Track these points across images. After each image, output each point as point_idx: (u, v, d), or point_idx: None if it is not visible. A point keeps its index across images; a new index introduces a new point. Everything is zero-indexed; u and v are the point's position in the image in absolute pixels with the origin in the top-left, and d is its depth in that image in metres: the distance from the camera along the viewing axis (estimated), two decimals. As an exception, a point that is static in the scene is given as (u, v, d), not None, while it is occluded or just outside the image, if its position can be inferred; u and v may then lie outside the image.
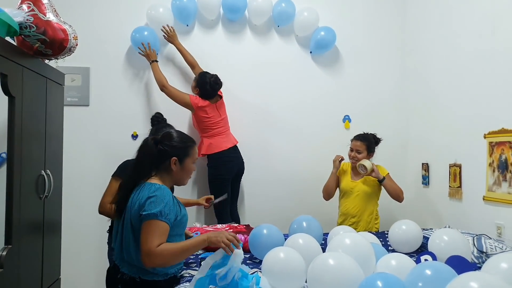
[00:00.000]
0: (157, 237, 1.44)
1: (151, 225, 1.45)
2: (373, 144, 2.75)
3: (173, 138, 1.62)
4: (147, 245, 1.42)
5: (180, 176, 1.63)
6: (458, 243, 1.89)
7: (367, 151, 2.71)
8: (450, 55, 2.73)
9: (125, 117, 3.02)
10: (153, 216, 1.45)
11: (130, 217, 1.53)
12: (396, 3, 3.37)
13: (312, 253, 1.72)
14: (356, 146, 2.71)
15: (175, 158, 1.59)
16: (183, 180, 1.66)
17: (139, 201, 1.51)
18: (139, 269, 1.53)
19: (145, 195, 1.50)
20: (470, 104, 2.50)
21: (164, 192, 1.53)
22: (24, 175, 1.77)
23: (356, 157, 2.70)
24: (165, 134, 1.64)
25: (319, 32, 3.16)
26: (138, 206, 1.50)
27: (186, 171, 1.64)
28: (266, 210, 3.10)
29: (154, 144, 1.59)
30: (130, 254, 1.53)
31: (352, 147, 2.74)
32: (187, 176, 1.66)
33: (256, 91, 3.18)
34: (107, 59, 3.04)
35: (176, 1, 3.01)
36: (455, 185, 2.62)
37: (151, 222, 1.45)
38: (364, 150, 2.71)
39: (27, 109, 1.79)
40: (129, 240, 1.53)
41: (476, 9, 2.45)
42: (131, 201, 1.55)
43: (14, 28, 1.72)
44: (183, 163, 1.61)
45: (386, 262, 1.62)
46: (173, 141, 1.61)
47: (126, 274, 1.54)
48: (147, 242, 1.43)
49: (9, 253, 1.62)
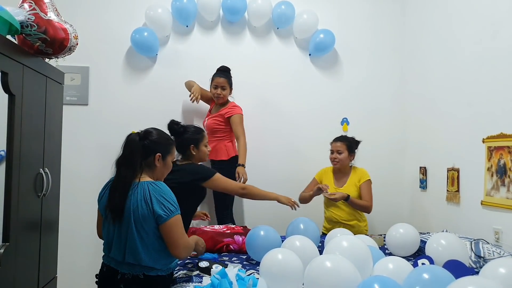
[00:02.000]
0: (183, 229, 1.57)
1: (177, 220, 1.54)
2: (353, 145, 2.74)
3: (156, 135, 1.67)
4: (184, 239, 1.57)
5: (162, 172, 1.69)
6: (456, 248, 1.89)
7: (348, 151, 2.70)
8: (449, 59, 2.74)
9: (123, 117, 3.02)
10: (176, 212, 1.54)
11: (134, 219, 1.51)
12: (395, 7, 3.38)
13: (309, 255, 1.71)
14: (337, 147, 2.70)
15: (159, 154, 1.64)
16: (163, 176, 1.71)
17: (145, 200, 1.50)
18: (143, 267, 1.53)
19: (152, 196, 1.51)
20: (468, 108, 2.51)
21: (166, 186, 1.60)
22: (23, 173, 1.77)
23: (338, 158, 2.68)
24: (148, 130, 1.68)
25: (318, 34, 3.18)
26: (146, 205, 1.50)
27: (167, 168, 1.70)
28: (263, 211, 3.10)
29: (139, 140, 1.62)
30: (136, 256, 1.51)
31: (333, 149, 2.73)
32: (167, 172, 1.73)
33: (254, 92, 3.19)
34: (107, 59, 3.05)
35: (176, 2, 3.02)
36: (453, 189, 2.63)
37: (176, 217, 1.54)
38: (345, 150, 2.69)
39: (26, 107, 1.79)
40: (134, 242, 1.51)
41: (476, 14, 2.46)
42: (130, 202, 1.52)
43: (15, 27, 1.72)
44: (165, 160, 1.67)
45: (383, 265, 1.62)
46: (157, 137, 1.66)
47: (127, 274, 1.53)
48: (183, 236, 1.57)
49: (7, 251, 1.62)
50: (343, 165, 2.73)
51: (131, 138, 1.63)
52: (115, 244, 1.56)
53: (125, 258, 1.53)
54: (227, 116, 2.82)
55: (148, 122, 2.87)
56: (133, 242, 1.51)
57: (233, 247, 2.26)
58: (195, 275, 1.77)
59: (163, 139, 1.69)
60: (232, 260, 2.07)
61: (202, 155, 2.30)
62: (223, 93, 2.84)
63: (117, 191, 1.54)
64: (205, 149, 2.31)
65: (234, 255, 2.21)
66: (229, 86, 2.87)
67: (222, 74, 2.86)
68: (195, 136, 2.27)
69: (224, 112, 2.84)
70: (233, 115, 2.82)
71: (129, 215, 1.51)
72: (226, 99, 2.90)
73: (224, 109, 2.87)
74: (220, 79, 2.84)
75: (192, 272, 1.81)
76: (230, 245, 2.26)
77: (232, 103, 2.91)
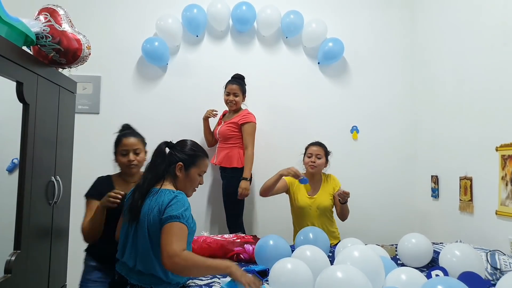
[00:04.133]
0: (180, 239, 1.43)
1: (174, 227, 1.44)
2: (328, 152, 2.67)
3: (184, 145, 1.66)
4: (172, 247, 1.39)
5: (184, 184, 1.62)
6: (471, 259, 1.84)
7: (325, 157, 2.63)
8: (460, 66, 2.71)
9: (134, 125, 3.03)
10: (175, 218, 1.45)
11: (147, 224, 1.50)
12: (404, 15, 3.38)
13: (319, 265, 1.69)
14: (316, 151, 2.59)
15: (181, 163, 1.61)
16: (186, 189, 1.63)
17: (158, 206, 1.49)
18: (152, 278, 1.51)
19: (166, 200, 1.50)
20: (481, 116, 2.48)
21: (184, 197, 1.55)
22: (35, 181, 1.79)
23: (316, 162, 2.57)
24: (180, 140, 1.70)
25: (327, 43, 3.18)
26: (158, 211, 1.49)
27: (190, 180, 1.63)
28: (273, 221, 3.08)
29: (165, 147, 1.66)
30: (147, 263, 1.50)
31: (311, 153, 2.61)
32: (190, 186, 1.65)
33: (264, 101, 3.20)
34: (118, 68, 3.10)
35: (186, 12, 3.06)
36: (466, 198, 2.58)
37: (174, 224, 1.44)
38: (323, 156, 2.61)
39: (40, 116, 1.82)
40: (147, 248, 1.50)
41: (487, 20, 2.45)
42: (147, 206, 1.52)
43: (31, 38, 1.77)
44: (188, 171, 1.62)
45: (396, 276, 1.59)
46: (184, 147, 1.66)
47: (135, 285, 1.51)
48: (172, 243, 1.40)
49: (18, 258, 1.63)
50: (318, 170, 2.62)
51: (158, 145, 1.67)
52: (128, 247, 1.55)
53: (136, 265, 1.52)
54: (241, 122, 2.84)
55: (158, 131, 2.92)
56: (145, 247, 1.50)
57: (243, 256, 2.24)
58: (204, 285, 1.75)
59: (189, 149, 1.64)
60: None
61: None
62: (236, 99, 2.86)
63: (136, 192, 1.59)
64: None
65: (244, 264, 2.19)
66: (241, 93, 2.88)
67: (235, 81, 2.89)
68: None
69: (238, 119, 2.85)
70: (246, 122, 2.83)
71: (144, 219, 1.52)
72: (239, 106, 2.91)
73: (238, 116, 2.88)
74: (232, 85, 2.86)
75: (201, 281, 1.80)
76: (240, 254, 2.24)
77: (246, 110, 2.92)
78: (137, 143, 1.91)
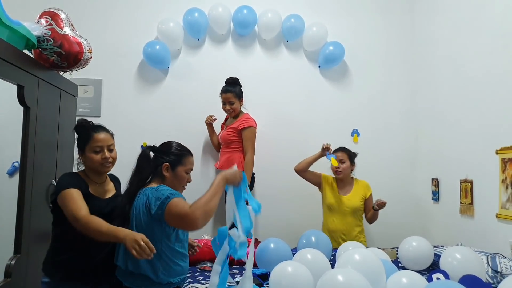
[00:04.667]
0: (184, 204, 1.46)
1: (173, 203, 1.46)
2: (352, 155, 2.75)
3: (169, 147, 1.70)
4: (184, 210, 1.42)
5: (173, 183, 1.65)
6: (472, 262, 1.84)
7: (350, 161, 2.70)
8: (460, 70, 2.72)
9: (135, 129, 3.06)
10: (168, 198, 1.48)
11: (136, 224, 1.54)
12: (405, 19, 3.39)
13: (320, 268, 1.69)
14: (339, 156, 2.69)
15: (167, 164, 1.64)
16: (175, 188, 1.64)
17: (144, 201, 1.53)
18: (143, 279, 1.52)
19: (149, 194, 1.54)
20: (481, 119, 2.48)
21: (167, 187, 1.58)
22: (35, 184, 1.79)
23: (341, 167, 2.67)
24: (164, 143, 1.73)
25: (328, 46, 3.19)
26: (144, 205, 1.53)
27: (178, 179, 1.67)
28: (274, 224, 3.07)
29: (150, 151, 1.69)
30: (136, 261, 1.51)
31: None
32: (179, 184, 1.68)
33: (264, 105, 3.20)
34: (119, 72, 3.10)
35: (188, 16, 3.08)
36: (467, 201, 2.58)
37: (172, 202, 1.47)
38: (347, 160, 2.69)
39: (41, 119, 1.82)
40: None
41: (487, 25, 2.45)
42: (134, 208, 1.57)
43: (32, 42, 1.78)
44: (175, 170, 1.65)
45: (397, 279, 1.59)
46: (169, 148, 1.69)
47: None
48: (183, 208, 1.43)
49: (18, 262, 1.63)
50: (345, 174, 2.71)
51: (143, 150, 1.70)
52: (121, 249, 1.57)
53: (127, 266, 1.53)
54: (240, 128, 2.84)
55: (159, 134, 2.93)
56: None
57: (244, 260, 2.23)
58: None
59: (174, 149, 1.69)
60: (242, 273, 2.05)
61: None
62: (232, 107, 2.86)
63: (123, 196, 1.63)
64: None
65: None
66: (237, 99, 2.87)
67: (229, 88, 2.86)
68: None
69: (237, 125, 2.85)
70: (245, 127, 2.83)
71: (132, 220, 1.55)
72: (237, 111, 2.91)
73: (238, 121, 2.88)
74: (226, 94, 2.85)
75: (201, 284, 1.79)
76: (240, 257, 2.23)
77: (246, 115, 2.91)
78: (110, 138, 1.72)
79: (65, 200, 1.51)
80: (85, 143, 1.66)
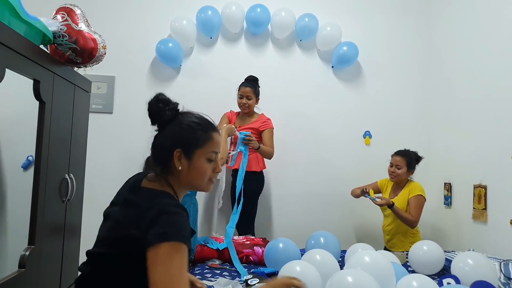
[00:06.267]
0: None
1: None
2: (413, 161, 2.70)
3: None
4: None
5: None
6: (484, 268, 1.81)
7: (407, 166, 2.67)
8: (476, 73, 2.67)
9: (147, 126, 3.03)
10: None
11: None
12: (421, 20, 3.34)
13: (329, 269, 1.68)
14: (396, 161, 2.68)
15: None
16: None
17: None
18: None
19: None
20: (496, 123, 2.44)
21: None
22: (49, 178, 1.82)
23: (395, 172, 2.66)
24: None
25: (342, 47, 3.17)
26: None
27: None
28: (283, 224, 3.07)
29: None
30: None
31: (392, 162, 2.71)
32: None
33: (277, 104, 3.19)
34: (132, 69, 3.13)
35: (201, 14, 3.09)
36: (480, 207, 2.53)
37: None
38: (404, 166, 2.66)
39: (55, 114, 1.85)
40: None
41: (505, 26, 2.40)
42: None
43: (48, 37, 1.80)
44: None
45: (407, 283, 1.57)
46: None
47: None
48: None
49: (32, 253, 1.66)
50: (400, 179, 2.70)
51: None
52: None
53: None
54: (262, 129, 2.83)
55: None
56: None
57: (252, 259, 2.24)
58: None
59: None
60: (251, 271, 2.05)
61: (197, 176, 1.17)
62: (249, 102, 2.83)
63: None
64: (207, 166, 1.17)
65: (253, 266, 2.19)
66: (255, 96, 2.85)
67: (248, 84, 2.83)
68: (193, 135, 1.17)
69: (258, 126, 2.83)
70: (267, 128, 2.83)
71: None
72: (252, 108, 2.88)
73: (256, 122, 2.85)
74: (245, 88, 2.82)
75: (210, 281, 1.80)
76: (250, 256, 2.24)
77: (265, 117, 2.89)
78: None
79: (167, 261, 0.92)
80: (196, 144, 1.15)
